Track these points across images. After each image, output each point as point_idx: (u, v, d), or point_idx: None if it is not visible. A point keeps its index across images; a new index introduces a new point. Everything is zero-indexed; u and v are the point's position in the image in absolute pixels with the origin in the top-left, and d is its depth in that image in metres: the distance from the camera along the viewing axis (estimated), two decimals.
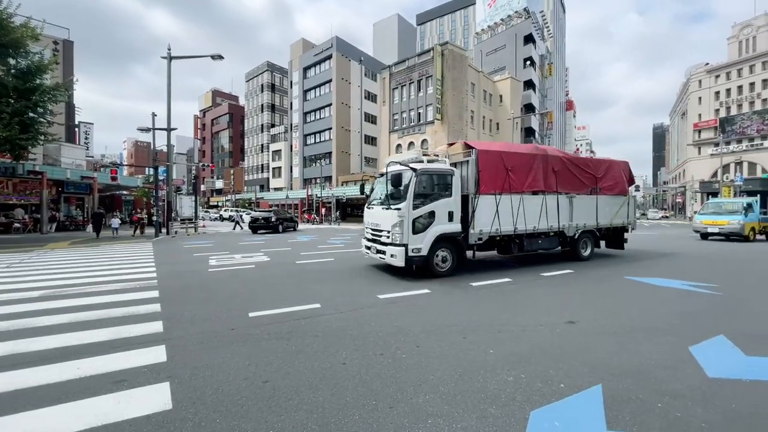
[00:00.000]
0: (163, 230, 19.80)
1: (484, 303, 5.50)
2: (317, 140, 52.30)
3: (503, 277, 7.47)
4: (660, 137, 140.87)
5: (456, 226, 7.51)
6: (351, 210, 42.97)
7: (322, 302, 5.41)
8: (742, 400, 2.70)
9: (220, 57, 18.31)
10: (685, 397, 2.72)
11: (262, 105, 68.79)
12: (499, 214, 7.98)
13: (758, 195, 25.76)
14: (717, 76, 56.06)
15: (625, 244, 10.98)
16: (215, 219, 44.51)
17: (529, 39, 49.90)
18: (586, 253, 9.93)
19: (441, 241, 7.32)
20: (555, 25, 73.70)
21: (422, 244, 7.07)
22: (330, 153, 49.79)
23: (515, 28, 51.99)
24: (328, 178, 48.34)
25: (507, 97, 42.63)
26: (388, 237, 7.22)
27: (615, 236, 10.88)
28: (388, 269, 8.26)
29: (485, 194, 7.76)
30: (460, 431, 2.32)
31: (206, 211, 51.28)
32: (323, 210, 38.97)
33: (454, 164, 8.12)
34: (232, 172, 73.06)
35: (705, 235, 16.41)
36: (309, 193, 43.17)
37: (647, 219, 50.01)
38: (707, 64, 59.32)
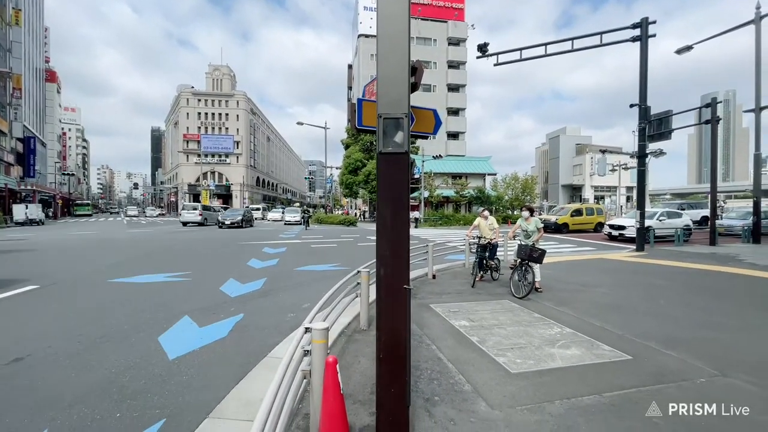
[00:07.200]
0: None
1: None
2: None
3: None
4: (158, 140, 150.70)
5: None
6: None
7: None
8: (192, 368, 3.26)
9: None
10: (148, 392, 2.84)
11: None
12: None
13: (222, 198, 35.08)
14: (199, 100, 69.35)
15: None
16: None
17: None
18: None
19: None
20: None
21: None
22: None
23: None
24: None
25: None
26: None
27: None
28: None
29: None
30: None
31: None
32: None
33: None
34: None
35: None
36: None
37: (145, 216, 51.64)
38: (193, 87, 71.63)
